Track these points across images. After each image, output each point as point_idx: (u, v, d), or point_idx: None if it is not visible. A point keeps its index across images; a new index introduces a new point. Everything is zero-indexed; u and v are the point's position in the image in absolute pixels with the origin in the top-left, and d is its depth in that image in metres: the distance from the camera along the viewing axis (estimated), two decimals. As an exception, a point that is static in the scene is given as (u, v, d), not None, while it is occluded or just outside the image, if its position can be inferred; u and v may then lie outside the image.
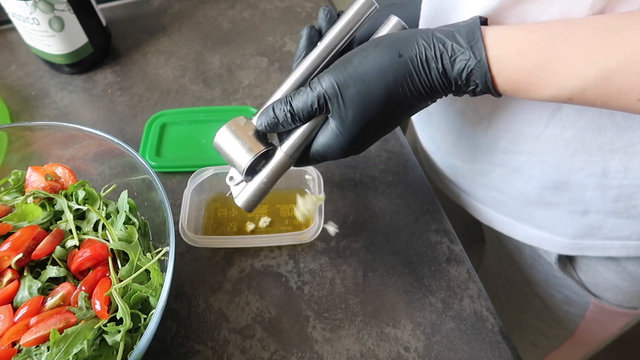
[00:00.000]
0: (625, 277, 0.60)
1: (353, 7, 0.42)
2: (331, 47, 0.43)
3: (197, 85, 0.78)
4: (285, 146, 0.43)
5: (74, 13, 0.72)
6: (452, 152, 0.60)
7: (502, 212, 0.62)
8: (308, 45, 0.44)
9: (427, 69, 0.38)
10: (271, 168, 0.43)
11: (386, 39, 0.40)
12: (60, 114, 0.75)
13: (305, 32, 0.44)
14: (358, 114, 0.40)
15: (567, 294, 0.66)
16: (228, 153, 0.43)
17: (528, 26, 0.38)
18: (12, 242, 0.48)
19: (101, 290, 0.46)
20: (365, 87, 0.39)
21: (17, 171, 0.55)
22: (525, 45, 0.37)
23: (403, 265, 0.58)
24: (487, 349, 0.52)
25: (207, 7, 0.90)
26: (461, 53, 0.37)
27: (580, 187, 0.52)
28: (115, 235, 0.50)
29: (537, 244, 0.62)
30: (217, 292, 0.57)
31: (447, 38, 0.38)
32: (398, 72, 0.39)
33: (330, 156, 0.43)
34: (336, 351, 0.52)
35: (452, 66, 0.38)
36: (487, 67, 0.37)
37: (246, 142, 0.43)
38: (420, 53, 0.38)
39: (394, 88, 0.39)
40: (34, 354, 0.43)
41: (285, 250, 0.59)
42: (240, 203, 0.45)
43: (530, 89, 0.37)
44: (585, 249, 0.59)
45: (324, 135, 0.42)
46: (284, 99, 0.42)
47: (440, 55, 0.38)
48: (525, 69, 0.37)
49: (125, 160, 0.54)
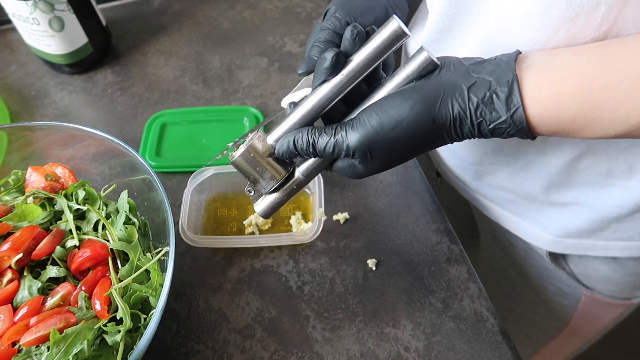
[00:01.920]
0: (616, 267, 0.61)
1: (383, 34, 0.39)
2: (356, 76, 0.40)
3: (197, 85, 0.78)
4: (303, 168, 0.44)
5: (74, 13, 0.72)
6: (458, 154, 0.60)
7: (509, 210, 0.62)
8: (331, 72, 0.40)
9: (460, 133, 0.38)
10: (288, 186, 0.45)
11: (420, 100, 0.38)
12: (60, 114, 0.75)
13: (330, 57, 0.39)
14: (382, 166, 0.41)
15: (560, 286, 0.66)
16: (249, 175, 0.44)
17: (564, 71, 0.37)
18: (12, 242, 0.48)
19: (101, 290, 0.46)
20: (395, 151, 0.40)
21: (17, 171, 0.55)
22: (564, 98, 0.36)
23: (403, 265, 0.58)
24: (487, 349, 0.52)
25: (207, 7, 0.90)
26: (501, 122, 0.37)
27: (586, 187, 0.52)
28: (115, 235, 0.50)
29: (539, 244, 0.62)
30: (217, 292, 0.57)
31: (484, 104, 0.37)
32: (429, 137, 0.39)
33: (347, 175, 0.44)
34: (336, 351, 0.52)
35: (491, 132, 0.38)
36: (527, 130, 0.37)
37: (268, 169, 0.43)
38: (455, 120, 0.38)
39: (423, 147, 0.40)
40: (34, 354, 0.43)
41: (285, 250, 0.59)
42: (258, 211, 0.46)
43: (569, 134, 0.38)
44: (588, 249, 0.59)
45: (344, 162, 0.42)
46: (306, 136, 0.40)
47: (477, 124, 0.37)
48: (565, 121, 0.37)
49: (125, 160, 0.53)
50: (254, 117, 0.71)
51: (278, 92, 0.76)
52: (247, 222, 0.61)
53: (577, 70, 0.36)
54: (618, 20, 0.38)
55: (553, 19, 0.40)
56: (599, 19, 0.38)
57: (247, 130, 0.70)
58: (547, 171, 0.52)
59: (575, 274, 0.64)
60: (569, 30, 0.40)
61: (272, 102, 0.74)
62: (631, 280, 0.62)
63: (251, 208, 0.62)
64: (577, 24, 0.39)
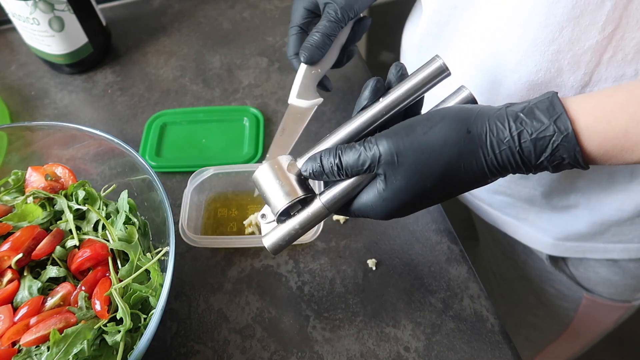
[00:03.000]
0: (616, 270, 0.60)
1: (425, 70, 0.41)
2: (395, 105, 0.41)
3: (197, 85, 0.78)
4: (325, 197, 0.41)
5: (74, 13, 0.72)
6: None
7: (508, 214, 0.62)
8: (372, 98, 0.41)
9: (497, 148, 0.36)
10: (306, 216, 0.42)
11: (454, 111, 0.38)
12: (60, 114, 0.75)
13: (372, 84, 0.41)
14: (410, 185, 0.37)
15: (560, 288, 0.66)
16: (265, 191, 0.42)
17: (607, 91, 0.36)
18: (12, 242, 0.48)
19: (101, 290, 0.46)
20: (425, 159, 0.36)
21: (17, 171, 0.55)
22: (612, 109, 0.34)
23: (403, 265, 0.58)
24: (487, 349, 0.52)
25: (207, 7, 0.90)
26: (544, 129, 0.34)
27: (587, 191, 0.52)
28: (115, 235, 0.50)
29: (539, 247, 0.62)
30: (217, 292, 0.57)
31: (524, 115, 0.35)
32: (463, 149, 0.36)
33: (371, 216, 0.41)
34: (336, 351, 0.52)
35: (534, 145, 0.35)
36: (575, 140, 0.34)
37: (285, 185, 0.41)
38: (492, 131, 0.36)
39: (456, 165, 0.36)
40: (34, 354, 0.43)
41: (285, 250, 0.59)
42: (267, 244, 0.43)
43: (624, 153, 0.35)
44: (587, 252, 0.59)
45: (368, 195, 0.39)
46: (333, 151, 0.39)
47: (517, 134, 0.35)
48: (616, 134, 0.34)
49: (125, 160, 0.53)
50: (254, 117, 0.71)
51: (278, 92, 0.76)
52: (247, 222, 0.61)
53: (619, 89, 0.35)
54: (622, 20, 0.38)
55: (557, 17, 0.40)
56: (604, 18, 0.38)
57: (246, 131, 0.70)
58: (548, 176, 0.52)
59: (576, 276, 0.64)
60: (573, 30, 0.40)
61: (272, 102, 0.74)
62: (631, 283, 0.62)
63: (251, 208, 0.62)
64: (581, 23, 0.39)
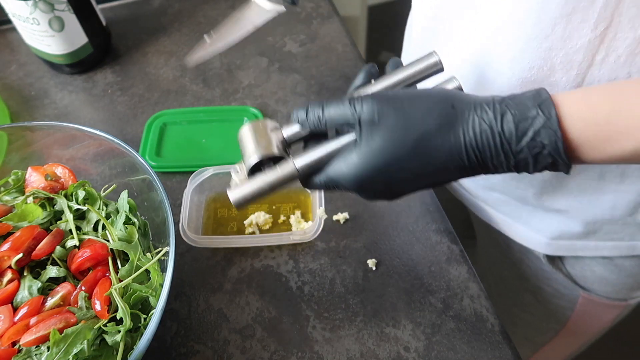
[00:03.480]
0: (612, 269, 0.61)
1: (421, 63, 0.43)
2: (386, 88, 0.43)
3: (197, 85, 0.78)
4: (298, 159, 0.41)
5: (74, 13, 0.72)
6: None
7: (503, 212, 0.62)
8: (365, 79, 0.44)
9: (479, 127, 0.35)
10: (275, 175, 0.42)
11: (442, 90, 0.38)
12: (60, 114, 0.75)
13: (367, 68, 0.44)
14: (384, 148, 0.37)
15: (557, 287, 0.66)
16: (244, 146, 0.43)
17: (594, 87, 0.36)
18: (12, 242, 0.48)
19: (101, 290, 0.46)
20: (403, 123, 0.36)
21: (17, 171, 0.55)
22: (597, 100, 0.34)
23: (403, 265, 0.58)
24: (487, 349, 0.52)
25: (207, 7, 0.90)
26: (527, 111, 0.34)
27: (579, 192, 0.52)
28: (115, 235, 0.50)
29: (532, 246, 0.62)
30: (217, 292, 0.57)
31: (510, 99, 0.35)
32: (443, 122, 0.36)
33: (341, 184, 0.40)
34: (336, 351, 0.52)
35: (515, 126, 0.34)
36: (557, 125, 0.33)
37: (262, 142, 0.42)
38: (475, 110, 0.35)
39: (433, 137, 0.36)
40: (34, 354, 0.43)
41: (285, 250, 0.59)
42: (232, 197, 0.42)
43: (605, 144, 0.34)
44: (579, 250, 0.59)
45: (340, 161, 0.39)
46: (320, 103, 0.41)
47: (501, 115, 0.35)
48: (598, 122, 0.34)
49: (125, 160, 0.53)
50: (254, 117, 0.71)
51: (278, 92, 0.76)
52: (247, 222, 0.61)
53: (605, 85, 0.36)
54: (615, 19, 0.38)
55: (550, 13, 0.40)
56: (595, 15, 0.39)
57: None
58: (540, 176, 0.52)
59: (572, 275, 0.64)
60: (565, 27, 0.40)
61: (272, 102, 0.74)
62: (628, 282, 0.62)
63: (251, 208, 0.62)
64: (573, 20, 0.40)
